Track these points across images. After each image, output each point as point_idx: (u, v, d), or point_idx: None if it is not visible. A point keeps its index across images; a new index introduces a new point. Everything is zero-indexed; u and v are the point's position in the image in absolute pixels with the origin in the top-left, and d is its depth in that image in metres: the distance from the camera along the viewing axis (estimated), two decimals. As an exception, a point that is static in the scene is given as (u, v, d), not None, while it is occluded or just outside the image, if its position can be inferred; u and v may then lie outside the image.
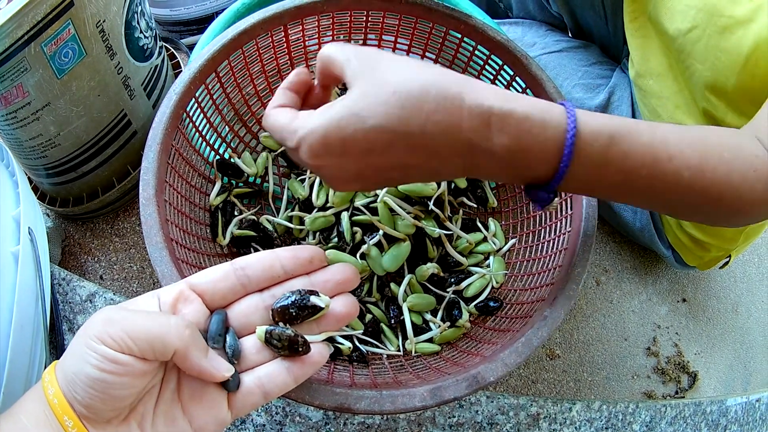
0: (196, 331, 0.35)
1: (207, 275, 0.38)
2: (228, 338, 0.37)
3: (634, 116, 0.84)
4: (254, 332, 0.38)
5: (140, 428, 0.34)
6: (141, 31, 0.78)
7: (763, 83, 0.57)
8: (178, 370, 0.36)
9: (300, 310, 0.38)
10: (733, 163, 0.38)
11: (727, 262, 0.92)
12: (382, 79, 0.36)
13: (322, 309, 0.38)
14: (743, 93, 0.60)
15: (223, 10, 0.78)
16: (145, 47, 0.80)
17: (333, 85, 0.44)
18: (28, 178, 0.87)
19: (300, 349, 0.37)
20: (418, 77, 0.35)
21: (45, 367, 0.43)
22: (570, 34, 0.97)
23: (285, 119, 0.39)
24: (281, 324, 0.38)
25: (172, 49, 0.97)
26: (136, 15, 0.76)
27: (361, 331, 0.58)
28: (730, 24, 0.57)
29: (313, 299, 0.38)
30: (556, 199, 0.40)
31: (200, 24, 1.00)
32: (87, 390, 0.32)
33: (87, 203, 0.84)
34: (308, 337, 0.38)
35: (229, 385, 0.36)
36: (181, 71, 0.58)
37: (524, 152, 0.36)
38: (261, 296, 0.39)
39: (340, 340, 0.57)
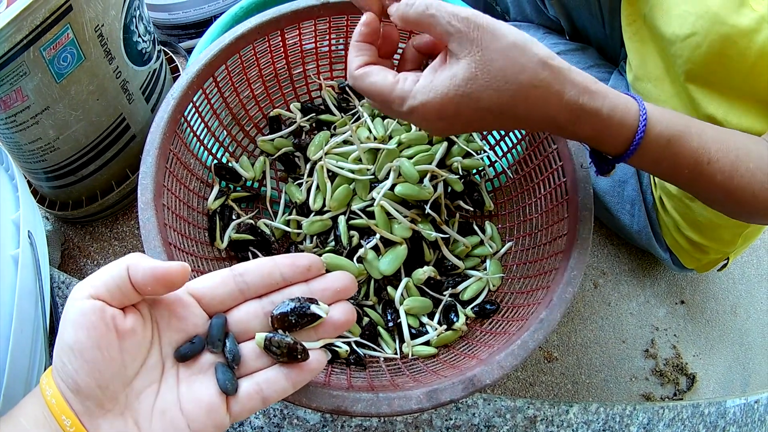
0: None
1: (205, 280, 0.38)
2: (228, 343, 0.37)
3: None
4: (253, 338, 0.38)
5: (138, 426, 0.34)
6: (139, 35, 0.78)
7: (766, 90, 0.58)
8: (177, 370, 0.37)
9: (299, 318, 0.38)
10: (755, 173, 0.46)
11: (725, 265, 0.92)
12: (492, 64, 0.41)
13: (320, 317, 0.39)
14: (746, 98, 0.61)
15: (221, 13, 0.78)
16: (144, 51, 0.80)
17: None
18: (28, 181, 0.87)
19: (299, 357, 0.38)
20: (527, 69, 0.41)
21: (45, 370, 0.43)
22: (567, 37, 0.98)
23: (386, 85, 0.44)
24: (280, 331, 0.38)
25: (171, 53, 0.97)
26: (134, 19, 0.76)
27: (359, 336, 0.59)
28: (733, 33, 0.57)
29: (313, 308, 0.38)
30: (613, 171, 0.49)
31: (199, 28, 1.01)
32: (71, 363, 0.32)
33: (86, 207, 0.85)
34: (306, 344, 0.38)
35: (228, 389, 0.36)
36: (180, 75, 0.58)
37: (600, 140, 0.45)
38: (260, 303, 0.39)
39: (338, 343, 0.57)
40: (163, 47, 0.95)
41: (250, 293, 0.39)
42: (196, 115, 0.58)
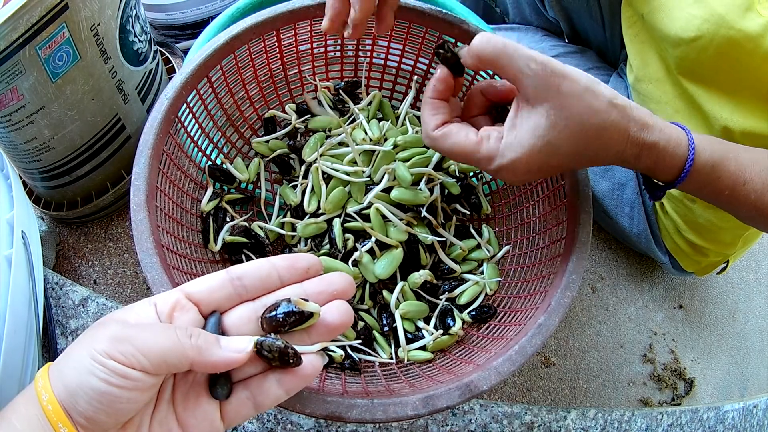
0: (200, 330, 0.35)
1: (203, 283, 0.38)
2: None
3: None
4: None
5: None
6: (135, 35, 0.78)
7: None
8: (173, 381, 0.36)
9: (287, 317, 0.37)
10: None
11: (724, 268, 0.92)
12: (569, 111, 0.43)
13: (311, 315, 0.38)
14: (751, 98, 0.61)
15: (218, 14, 0.78)
16: (140, 51, 0.80)
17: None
18: (23, 181, 0.87)
19: (291, 361, 0.36)
20: (600, 112, 0.44)
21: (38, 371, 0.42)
22: (566, 40, 0.97)
23: (469, 145, 0.47)
24: (271, 334, 0.38)
25: (167, 54, 0.96)
26: (130, 19, 0.76)
27: (354, 340, 0.58)
28: (739, 37, 0.58)
29: (300, 305, 0.37)
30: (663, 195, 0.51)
31: (195, 28, 1.00)
32: (92, 403, 0.32)
33: (81, 207, 0.84)
34: (301, 348, 0.37)
35: (218, 394, 0.36)
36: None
37: (656, 170, 0.48)
38: (253, 305, 0.38)
39: (333, 347, 0.56)
40: (159, 47, 0.95)
41: (247, 296, 0.38)
42: (190, 115, 0.58)
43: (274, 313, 0.37)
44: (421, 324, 0.60)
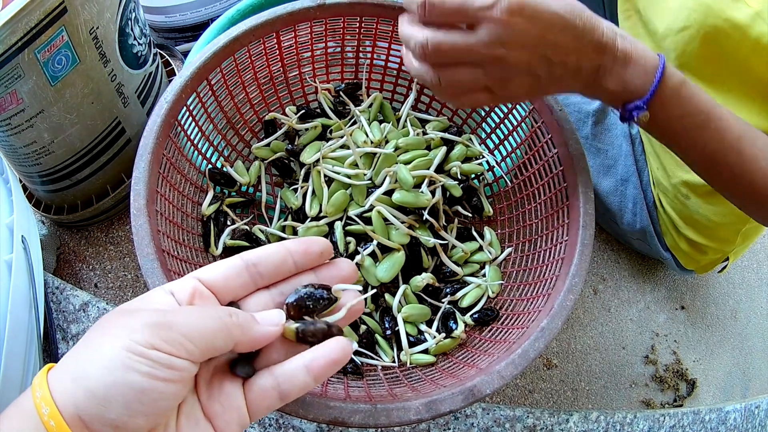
0: (236, 309, 0.34)
1: (217, 270, 0.36)
2: None
3: None
4: None
5: None
6: (135, 38, 0.78)
7: (758, 82, 0.58)
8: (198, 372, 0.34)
9: (316, 303, 0.36)
10: (760, 151, 0.49)
11: (725, 267, 0.91)
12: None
13: (336, 300, 0.37)
14: (737, 91, 0.61)
15: (218, 16, 0.77)
16: (139, 54, 0.79)
17: None
18: (23, 185, 0.87)
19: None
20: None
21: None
22: None
23: None
24: (306, 317, 0.37)
25: (167, 56, 0.96)
26: (130, 22, 0.76)
27: (356, 343, 0.58)
28: (726, 27, 0.57)
29: (327, 292, 0.37)
30: (645, 112, 0.49)
31: (195, 31, 1.00)
32: (130, 405, 0.28)
33: (81, 211, 0.84)
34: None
35: (243, 372, 0.34)
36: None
37: (627, 77, 0.47)
38: (269, 293, 0.37)
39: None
40: (159, 50, 0.95)
41: (263, 283, 0.37)
42: (190, 119, 0.57)
43: (301, 297, 0.36)
44: (423, 327, 0.60)
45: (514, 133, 0.65)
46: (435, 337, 0.58)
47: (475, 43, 0.45)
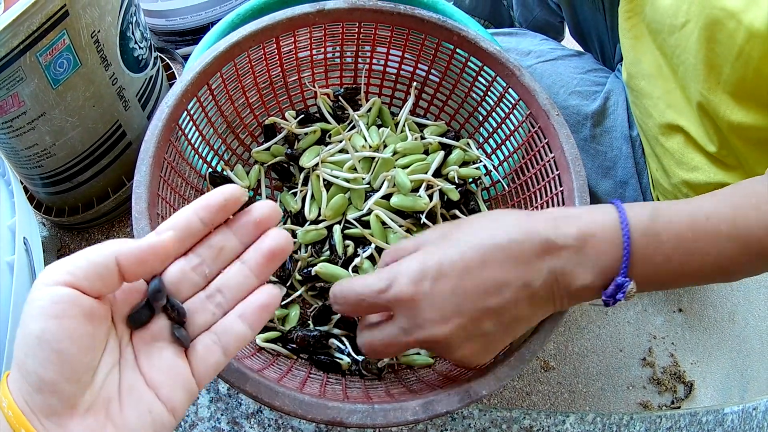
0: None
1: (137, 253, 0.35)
2: (169, 298, 0.35)
3: (628, 119, 0.84)
4: (188, 299, 0.36)
5: (108, 416, 0.32)
6: (136, 42, 0.78)
7: (756, 73, 0.57)
8: (132, 346, 0.34)
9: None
10: (761, 207, 0.42)
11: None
12: (464, 236, 0.43)
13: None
14: (738, 83, 0.60)
15: (218, 20, 0.78)
16: (140, 58, 0.80)
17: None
18: (24, 187, 0.87)
19: None
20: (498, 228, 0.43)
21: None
22: (567, 30, 0.98)
23: (369, 278, 0.44)
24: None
25: (168, 60, 0.97)
26: (131, 25, 0.76)
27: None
28: (722, 16, 0.57)
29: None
30: (630, 283, 0.42)
31: (196, 34, 1.00)
32: (36, 357, 0.29)
33: (82, 213, 0.84)
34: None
35: (180, 336, 0.35)
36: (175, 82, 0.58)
37: (592, 239, 0.42)
38: (186, 260, 0.36)
39: (339, 355, 0.57)
40: (159, 54, 0.95)
41: (182, 251, 0.36)
42: (191, 123, 0.58)
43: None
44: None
45: (511, 137, 0.66)
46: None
47: (398, 333, 0.43)
